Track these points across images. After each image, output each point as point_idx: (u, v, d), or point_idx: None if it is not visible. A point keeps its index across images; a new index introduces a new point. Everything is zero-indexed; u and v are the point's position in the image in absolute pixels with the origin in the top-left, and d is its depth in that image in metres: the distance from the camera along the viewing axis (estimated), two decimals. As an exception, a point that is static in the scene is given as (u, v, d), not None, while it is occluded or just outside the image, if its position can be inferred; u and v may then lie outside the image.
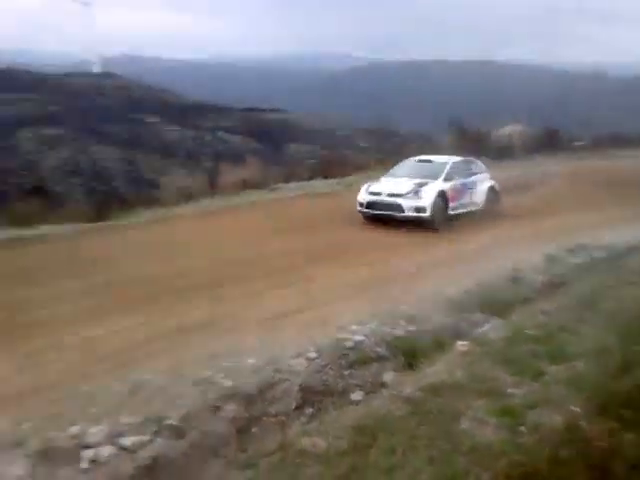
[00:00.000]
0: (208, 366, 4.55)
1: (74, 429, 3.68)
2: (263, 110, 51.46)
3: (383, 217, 12.00)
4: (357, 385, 4.35)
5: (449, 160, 13.14)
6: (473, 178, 13.14)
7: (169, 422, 3.77)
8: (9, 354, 5.56)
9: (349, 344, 4.93)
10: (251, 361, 4.62)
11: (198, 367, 4.55)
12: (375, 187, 12.44)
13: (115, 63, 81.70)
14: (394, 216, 11.85)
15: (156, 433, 3.68)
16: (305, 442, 3.23)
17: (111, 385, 4.32)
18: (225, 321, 6.44)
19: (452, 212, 12.31)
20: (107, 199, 16.97)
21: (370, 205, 12.17)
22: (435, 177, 12.40)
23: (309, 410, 4.03)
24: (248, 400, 4.03)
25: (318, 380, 4.32)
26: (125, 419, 3.81)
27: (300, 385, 4.18)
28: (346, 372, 4.48)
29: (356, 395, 4.21)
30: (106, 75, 61.23)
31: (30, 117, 39.11)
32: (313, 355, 4.73)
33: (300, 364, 4.56)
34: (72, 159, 33.23)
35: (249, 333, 5.70)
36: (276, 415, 3.93)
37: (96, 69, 68.39)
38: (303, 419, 3.88)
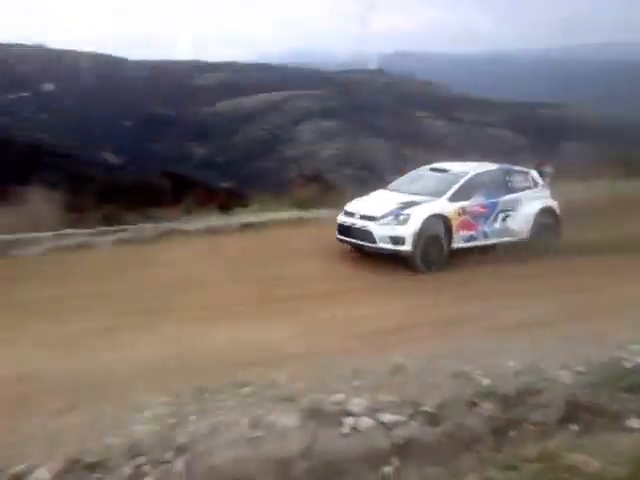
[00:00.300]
0: (465, 361, 4.49)
1: (338, 396, 3.97)
2: (536, 105, 48.61)
3: (356, 246, 9.09)
4: (636, 412, 3.85)
5: (471, 170, 9.52)
6: (512, 196, 9.51)
7: (424, 408, 3.82)
8: (287, 324, 6.29)
9: (628, 365, 4.38)
10: (511, 364, 4.42)
11: (455, 361, 4.53)
12: (353, 205, 9.39)
13: (389, 60, 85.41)
14: (365, 247, 8.88)
15: (411, 416, 3.76)
16: (575, 458, 2.98)
17: (372, 363, 4.56)
18: (482, 320, 6.32)
19: (461, 245, 8.95)
20: (375, 188, 17.78)
21: (343, 230, 9.18)
22: (440, 194, 9.03)
23: (574, 426, 3.70)
24: (506, 402, 3.87)
25: (587, 397, 3.94)
26: (383, 397, 3.97)
27: (565, 398, 3.87)
28: (622, 395, 3.99)
29: (634, 422, 3.73)
30: (380, 72, 64.46)
31: (311, 111, 43.23)
32: (581, 369, 4.33)
33: (566, 376, 4.21)
34: (345, 150, 35.83)
35: (507, 335, 5.51)
36: (535, 423, 3.70)
37: (372, 66, 72.55)
38: (567, 434, 3.58)
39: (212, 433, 3.46)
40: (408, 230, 8.49)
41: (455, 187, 9.10)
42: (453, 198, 9.01)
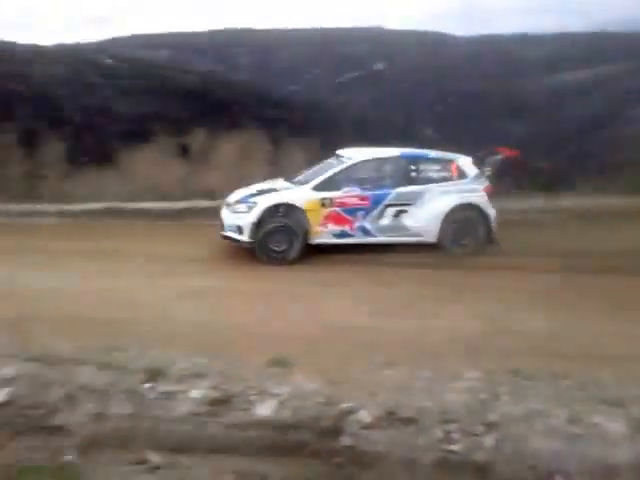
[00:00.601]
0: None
1: None
2: None
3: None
4: None
5: (358, 157, 8.46)
6: (411, 188, 8.30)
7: None
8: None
9: None
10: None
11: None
12: (235, 192, 8.75)
13: None
14: (221, 235, 8.37)
15: None
16: None
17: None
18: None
19: (327, 240, 8.15)
20: None
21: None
22: (310, 182, 8.32)
23: None
24: None
25: None
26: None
27: None
28: None
29: None
30: None
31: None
32: None
33: None
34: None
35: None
36: None
37: None
38: None
39: (526, 418, 3.34)
40: (248, 219, 8.05)
41: (325, 175, 8.32)
42: (319, 187, 8.21)
